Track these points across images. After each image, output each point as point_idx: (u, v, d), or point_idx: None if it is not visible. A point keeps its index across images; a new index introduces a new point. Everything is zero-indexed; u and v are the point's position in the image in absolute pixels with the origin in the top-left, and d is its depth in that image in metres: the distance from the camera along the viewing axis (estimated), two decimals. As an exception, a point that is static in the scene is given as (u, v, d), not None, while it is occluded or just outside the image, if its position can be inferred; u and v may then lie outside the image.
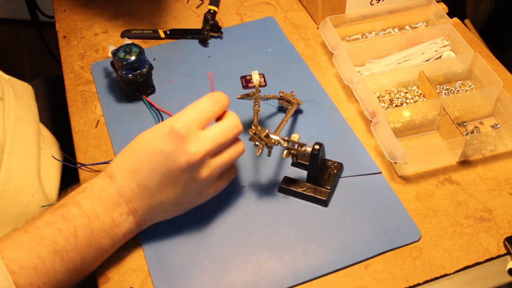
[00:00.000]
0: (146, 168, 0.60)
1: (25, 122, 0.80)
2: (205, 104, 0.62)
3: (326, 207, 0.69)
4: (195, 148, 0.59)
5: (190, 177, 0.61)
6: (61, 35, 0.96)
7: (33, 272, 0.55)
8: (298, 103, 0.78)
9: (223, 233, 0.67)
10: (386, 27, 0.92)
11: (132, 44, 0.80)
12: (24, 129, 0.78)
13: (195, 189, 0.63)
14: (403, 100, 0.81)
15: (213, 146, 0.61)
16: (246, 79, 0.68)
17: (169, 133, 0.59)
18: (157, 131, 0.61)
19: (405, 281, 0.62)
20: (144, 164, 0.60)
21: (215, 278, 0.63)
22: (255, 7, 1.00)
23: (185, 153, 0.59)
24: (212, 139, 0.60)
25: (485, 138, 0.74)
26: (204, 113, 0.61)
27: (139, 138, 0.62)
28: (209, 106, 0.62)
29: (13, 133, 0.76)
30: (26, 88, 0.87)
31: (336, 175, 0.71)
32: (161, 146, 0.59)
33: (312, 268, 0.63)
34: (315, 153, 0.66)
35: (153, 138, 0.60)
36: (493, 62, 0.87)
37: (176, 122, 0.59)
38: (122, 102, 0.83)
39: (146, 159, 0.60)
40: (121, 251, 0.65)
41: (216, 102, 0.62)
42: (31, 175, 0.75)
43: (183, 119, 0.60)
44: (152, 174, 0.61)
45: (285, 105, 0.79)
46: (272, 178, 0.72)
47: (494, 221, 0.67)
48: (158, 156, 0.60)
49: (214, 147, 0.61)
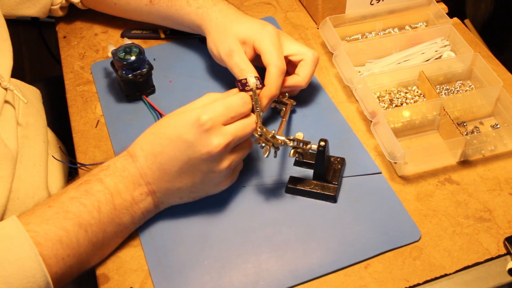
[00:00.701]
0: (168, 154, 0.63)
1: (34, 129, 0.80)
2: (235, 103, 0.64)
3: (335, 202, 0.69)
4: (217, 140, 0.62)
5: (209, 168, 0.63)
6: (61, 35, 0.96)
7: (58, 244, 0.58)
8: (292, 103, 0.78)
9: (223, 233, 0.67)
10: (386, 27, 0.92)
11: (132, 44, 0.80)
12: (33, 137, 0.79)
13: (212, 179, 0.65)
14: (403, 100, 0.81)
15: (233, 140, 0.63)
16: (242, 83, 0.68)
17: (194, 123, 0.61)
18: (183, 119, 0.62)
19: (405, 281, 0.62)
20: (166, 149, 0.63)
21: (215, 278, 0.63)
22: (255, 7, 1.00)
23: (207, 144, 0.61)
24: (233, 134, 0.63)
25: (485, 138, 0.74)
26: (231, 112, 0.63)
27: (163, 122, 0.64)
28: (238, 106, 0.64)
29: (23, 140, 0.76)
30: (34, 92, 0.87)
31: (341, 170, 0.71)
32: (185, 135, 0.61)
33: (312, 268, 0.63)
34: (321, 149, 0.66)
35: (178, 125, 0.62)
36: (493, 62, 0.87)
37: (203, 114, 0.61)
38: (122, 102, 0.83)
39: (169, 144, 0.62)
40: (121, 251, 0.65)
41: (245, 104, 0.65)
42: (39, 182, 0.76)
43: (211, 112, 0.62)
44: (173, 160, 0.63)
45: (278, 107, 0.79)
46: (272, 178, 0.72)
47: (494, 221, 0.67)
48: (181, 143, 0.62)
49: (234, 141, 0.63)
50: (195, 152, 0.62)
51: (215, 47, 0.78)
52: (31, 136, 0.78)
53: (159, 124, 0.65)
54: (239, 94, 0.65)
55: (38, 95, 0.88)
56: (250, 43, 0.76)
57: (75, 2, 0.93)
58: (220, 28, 0.78)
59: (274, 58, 0.73)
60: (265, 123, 0.79)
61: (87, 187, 0.62)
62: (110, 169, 0.63)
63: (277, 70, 0.72)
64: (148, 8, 0.87)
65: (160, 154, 0.63)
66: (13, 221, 0.58)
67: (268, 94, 0.72)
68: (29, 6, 0.89)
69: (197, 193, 0.67)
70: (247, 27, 0.76)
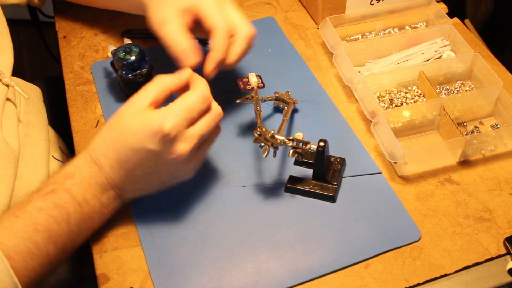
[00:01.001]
0: (134, 162, 0.62)
1: (36, 127, 0.80)
2: (196, 102, 0.62)
3: (334, 202, 0.69)
4: (183, 146, 0.61)
5: (177, 168, 0.64)
6: (61, 35, 0.96)
7: (28, 257, 0.57)
8: (294, 102, 0.78)
9: (223, 233, 0.67)
10: (386, 27, 0.92)
11: (132, 44, 0.80)
12: (35, 135, 0.78)
13: (179, 175, 0.66)
14: (403, 100, 0.81)
15: (199, 141, 0.63)
16: (243, 82, 0.68)
17: (157, 133, 0.59)
18: (144, 128, 0.60)
19: (405, 281, 0.62)
20: (132, 158, 0.62)
21: (215, 278, 0.63)
22: (255, 7, 1.00)
23: (173, 152, 0.61)
24: (198, 135, 0.62)
25: (485, 138, 0.74)
26: (194, 113, 0.62)
27: (122, 127, 0.62)
28: (199, 104, 0.62)
29: (24, 138, 0.76)
30: (35, 91, 0.87)
31: (340, 170, 0.71)
32: (149, 145, 0.60)
33: (312, 268, 0.63)
34: (321, 150, 0.66)
35: (140, 134, 0.60)
36: (493, 62, 0.87)
37: (166, 124, 0.59)
38: (122, 102, 0.83)
39: (133, 154, 0.61)
40: (121, 251, 0.65)
41: (206, 99, 0.63)
42: (41, 181, 0.76)
43: (173, 120, 0.60)
44: (140, 167, 0.63)
45: (281, 105, 0.79)
46: (273, 178, 0.72)
47: (494, 221, 0.67)
48: (146, 153, 0.61)
49: (200, 140, 0.63)
50: (161, 159, 0.62)
51: (150, 20, 0.73)
52: (33, 134, 0.78)
53: (118, 127, 0.62)
54: (197, 90, 0.62)
55: (39, 93, 0.88)
56: (192, 11, 0.70)
57: None
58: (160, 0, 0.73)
59: (218, 20, 0.68)
60: (265, 122, 0.79)
61: (54, 198, 0.60)
62: (76, 177, 0.62)
63: (223, 32, 0.68)
64: None
65: (126, 163, 0.62)
66: None
67: (217, 57, 0.69)
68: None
69: (164, 186, 0.67)
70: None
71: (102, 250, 0.66)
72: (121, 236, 0.67)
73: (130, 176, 0.63)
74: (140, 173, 0.63)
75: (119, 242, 0.67)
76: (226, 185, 0.71)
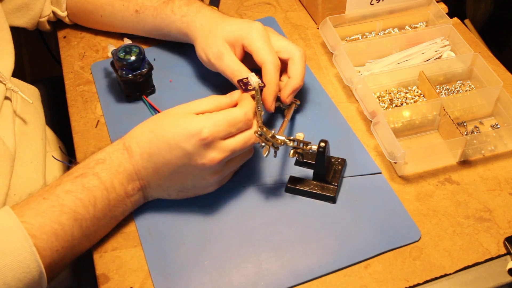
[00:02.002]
0: (164, 156, 0.63)
1: (32, 126, 0.80)
2: (238, 119, 0.64)
3: (334, 203, 0.69)
4: (214, 155, 0.63)
5: (201, 175, 0.65)
6: (61, 35, 0.96)
7: (53, 237, 0.59)
8: (296, 103, 0.78)
9: (223, 233, 0.67)
10: (386, 27, 0.92)
11: (132, 44, 0.80)
12: (31, 134, 0.79)
13: (202, 184, 0.67)
14: (403, 100, 0.81)
15: (231, 155, 0.65)
16: (244, 82, 0.68)
17: (195, 135, 0.61)
18: (184, 127, 0.62)
19: (405, 281, 0.62)
20: (163, 152, 0.63)
21: (215, 278, 0.63)
22: (255, 7, 1.00)
23: (203, 156, 0.63)
24: (231, 149, 0.64)
25: (485, 138, 0.74)
26: (233, 128, 0.64)
27: (163, 121, 0.64)
28: (240, 121, 0.64)
29: (20, 137, 0.76)
30: (33, 91, 0.87)
31: (341, 171, 0.71)
32: (184, 144, 0.62)
33: (312, 268, 0.63)
34: (321, 150, 0.66)
35: (178, 131, 0.62)
36: (493, 62, 0.87)
37: (205, 128, 0.61)
38: (122, 102, 0.83)
39: (166, 148, 0.63)
40: (121, 251, 0.65)
41: (248, 121, 0.65)
42: (37, 180, 0.76)
43: (213, 127, 0.62)
44: (168, 163, 0.64)
45: (282, 106, 0.79)
46: (273, 178, 0.72)
47: (494, 221, 0.67)
48: (179, 150, 0.62)
49: (231, 155, 0.65)
50: (190, 161, 0.63)
51: (204, 53, 0.78)
52: (29, 133, 0.78)
53: (158, 122, 0.65)
54: (243, 109, 0.65)
55: (37, 93, 0.89)
56: (239, 44, 0.75)
57: (62, 16, 0.93)
58: (206, 32, 0.77)
59: (269, 55, 0.72)
60: (268, 122, 0.79)
61: (83, 181, 0.62)
62: (107, 163, 0.64)
63: (274, 66, 0.72)
64: (134, 19, 0.86)
65: (156, 155, 0.63)
66: (7, 212, 0.58)
67: (271, 92, 0.72)
68: (18, 16, 0.89)
69: (185, 193, 0.68)
70: (233, 27, 0.76)
71: (102, 250, 0.66)
72: (121, 236, 0.67)
73: (156, 170, 0.64)
74: (166, 170, 0.64)
75: (119, 242, 0.67)
76: (227, 185, 0.71)
